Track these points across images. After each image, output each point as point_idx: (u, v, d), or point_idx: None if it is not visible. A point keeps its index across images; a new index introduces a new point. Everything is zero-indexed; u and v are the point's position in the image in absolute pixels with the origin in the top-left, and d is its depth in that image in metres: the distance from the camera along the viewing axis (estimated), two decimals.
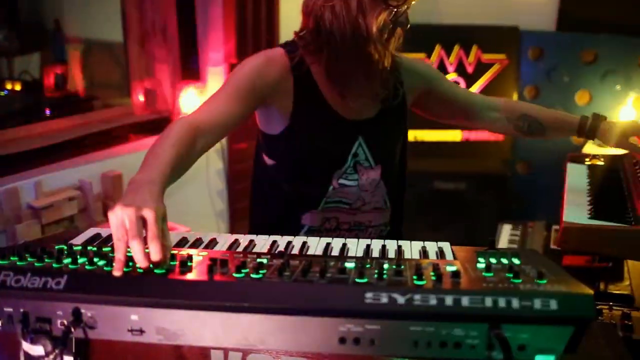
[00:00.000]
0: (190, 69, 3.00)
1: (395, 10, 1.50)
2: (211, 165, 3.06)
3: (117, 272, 1.06)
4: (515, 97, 3.93)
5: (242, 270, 1.07)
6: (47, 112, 2.77)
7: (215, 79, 3.02)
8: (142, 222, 1.08)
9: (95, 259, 1.11)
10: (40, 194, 2.32)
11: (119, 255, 1.07)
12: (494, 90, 3.85)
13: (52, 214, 2.31)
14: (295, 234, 1.59)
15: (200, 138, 1.40)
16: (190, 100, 2.96)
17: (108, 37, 3.11)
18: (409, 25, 1.56)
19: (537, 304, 0.96)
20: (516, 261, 1.14)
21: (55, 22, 2.86)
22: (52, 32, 2.85)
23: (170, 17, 2.99)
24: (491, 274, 1.07)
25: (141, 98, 3.09)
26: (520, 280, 1.03)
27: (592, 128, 1.78)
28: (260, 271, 1.07)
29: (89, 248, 1.19)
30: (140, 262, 1.07)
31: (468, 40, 3.83)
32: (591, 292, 0.99)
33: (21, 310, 1.06)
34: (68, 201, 2.34)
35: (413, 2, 1.52)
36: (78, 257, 1.12)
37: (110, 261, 1.10)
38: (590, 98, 3.80)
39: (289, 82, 1.59)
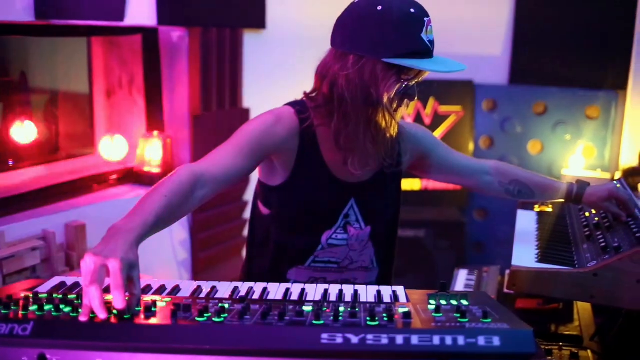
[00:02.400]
0: (155, 121, 3.05)
1: (406, 83, 1.57)
2: None
3: (83, 318, 1.10)
4: (471, 146, 4.08)
5: (205, 315, 1.12)
6: (10, 162, 2.79)
7: (180, 130, 3.08)
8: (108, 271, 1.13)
9: (61, 306, 1.15)
10: (2, 244, 2.32)
11: (86, 301, 1.11)
12: (451, 140, 3.99)
13: (14, 264, 2.31)
14: None
15: (201, 189, 1.44)
16: (155, 151, 3.01)
17: (74, 88, 3.15)
18: (416, 98, 1.62)
19: (482, 340, 1.03)
20: (464, 302, 1.22)
21: (21, 73, 2.90)
22: (17, 82, 2.88)
23: (136, 69, 3.06)
24: (440, 315, 1.14)
25: (106, 149, 3.13)
26: (466, 320, 1.11)
27: (579, 195, 1.89)
28: (222, 315, 1.12)
29: (54, 295, 1.22)
30: (96, 310, 1.10)
31: (425, 93, 3.95)
32: (531, 329, 1.06)
33: None
34: (31, 251, 2.35)
35: (422, 78, 1.59)
36: (44, 304, 1.16)
37: (75, 308, 1.14)
38: (542, 147, 3.97)
39: (295, 141, 1.65)
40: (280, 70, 3.52)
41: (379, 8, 1.52)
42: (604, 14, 3.69)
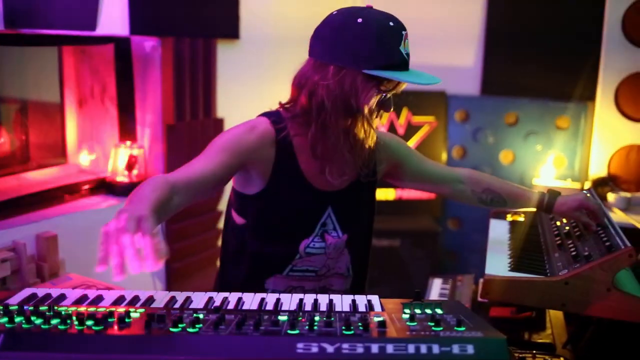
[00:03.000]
0: (127, 130, 3.03)
1: (384, 94, 1.60)
2: None
3: (118, 277, 1.10)
4: (444, 156, 4.12)
5: (179, 325, 1.11)
6: None
7: (153, 140, 3.05)
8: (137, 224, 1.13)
9: (32, 318, 1.13)
10: None
11: (116, 260, 1.11)
12: (424, 149, 4.02)
13: None
14: None
15: (175, 195, 1.44)
16: (127, 161, 2.98)
17: (45, 97, 3.11)
18: (392, 109, 1.65)
19: (456, 349, 1.04)
20: (439, 311, 1.23)
21: None
22: None
23: (108, 79, 3.03)
24: (415, 323, 1.15)
25: (78, 159, 3.09)
26: (441, 328, 1.11)
27: (549, 204, 1.92)
28: (197, 325, 1.11)
29: (25, 307, 1.20)
30: (131, 261, 1.12)
31: (399, 103, 3.98)
32: (504, 337, 1.08)
33: None
34: (1, 263, 2.31)
35: (400, 89, 1.63)
36: (15, 316, 1.14)
37: (47, 319, 1.12)
38: (514, 157, 4.02)
39: (271, 151, 1.66)
40: (253, 80, 3.52)
41: (359, 20, 1.54)
42: (573, 27, 3.78)
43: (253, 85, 3.50)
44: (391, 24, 1.56)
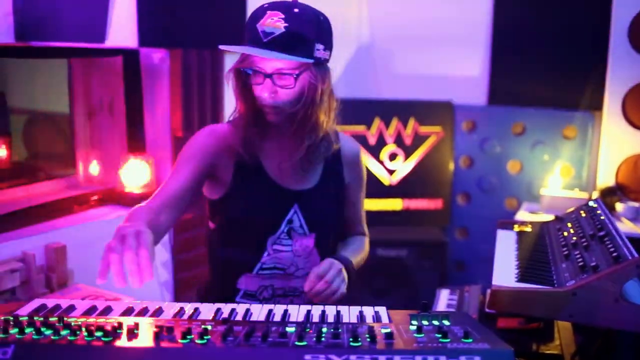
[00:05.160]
0: (136, 142, 3.04)
1: (243, 69, 1.70)
2: None
3: (119, 285, 1.18)
4: (451, 166, 4.12)
5: (188, 337, 1.12)
6: None
7: (161, 151, 3.07)
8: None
9: (42, 329, 1.14)
10: None
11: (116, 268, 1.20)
12: (431, 159, 4.04)
13: None
14: (231, 298, 1.71)
15: (160, 215, 1.55)
16: (136, 172, 3.00)
17: (54, 108, 3.14)
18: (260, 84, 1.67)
19: None
20: (446, 322, 1.23)
21: (0, 94, 2.88)
22: None
23: (117, 90, 3.06)
24: (422, 335, 1.15)
25: (86, 170, 3.11)
26: (448, 340, 1.12)
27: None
28: (205, 337, 1.12)
29: (35, 318, 1.21)
30: (131, 271, 1.19)
31: (406, 113, 4.03)
32: (511, 348, 1.08)
33: None
34: (10, 273, 2.32)
35: (257, 66, 1.66)
36: (25, 327, 1.15)
37: (57, 330, 1.13)
38: (521, 167, 4.02)
39: (232, 152, 1.72)
40: None
41: None
42: (580, 37, 3.78)
43: None
44: (265, 5, 1.60)
